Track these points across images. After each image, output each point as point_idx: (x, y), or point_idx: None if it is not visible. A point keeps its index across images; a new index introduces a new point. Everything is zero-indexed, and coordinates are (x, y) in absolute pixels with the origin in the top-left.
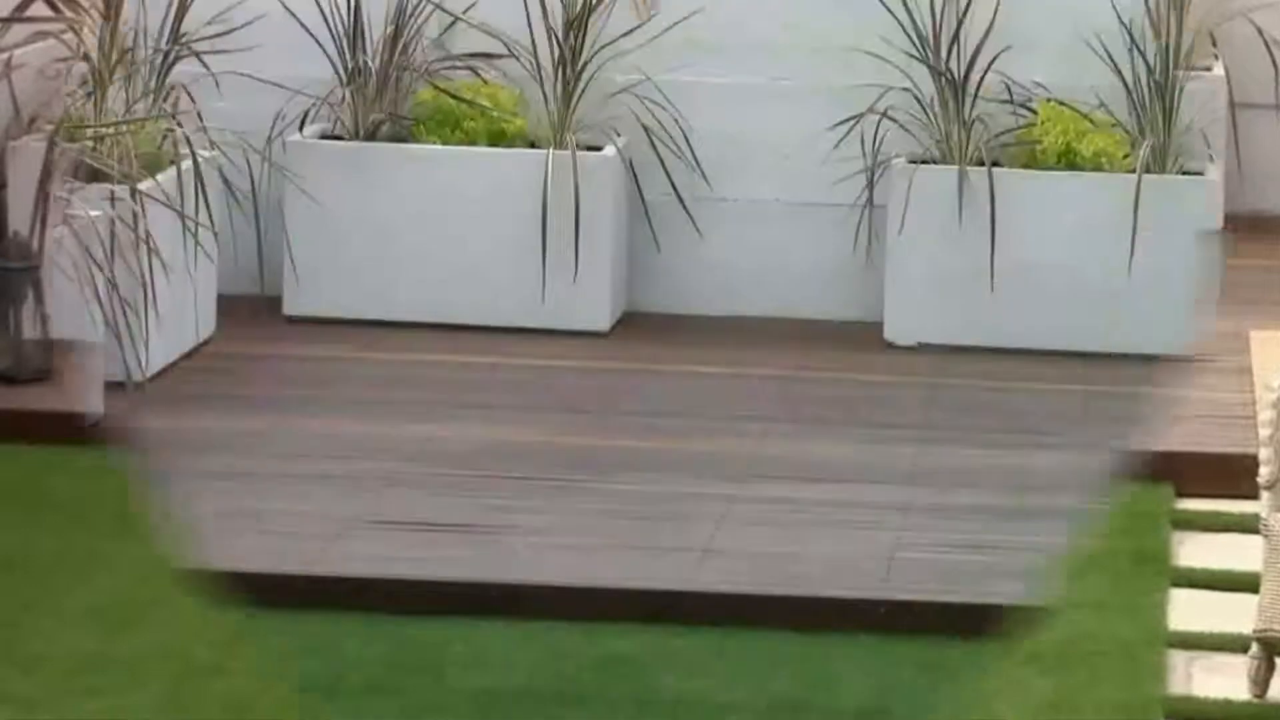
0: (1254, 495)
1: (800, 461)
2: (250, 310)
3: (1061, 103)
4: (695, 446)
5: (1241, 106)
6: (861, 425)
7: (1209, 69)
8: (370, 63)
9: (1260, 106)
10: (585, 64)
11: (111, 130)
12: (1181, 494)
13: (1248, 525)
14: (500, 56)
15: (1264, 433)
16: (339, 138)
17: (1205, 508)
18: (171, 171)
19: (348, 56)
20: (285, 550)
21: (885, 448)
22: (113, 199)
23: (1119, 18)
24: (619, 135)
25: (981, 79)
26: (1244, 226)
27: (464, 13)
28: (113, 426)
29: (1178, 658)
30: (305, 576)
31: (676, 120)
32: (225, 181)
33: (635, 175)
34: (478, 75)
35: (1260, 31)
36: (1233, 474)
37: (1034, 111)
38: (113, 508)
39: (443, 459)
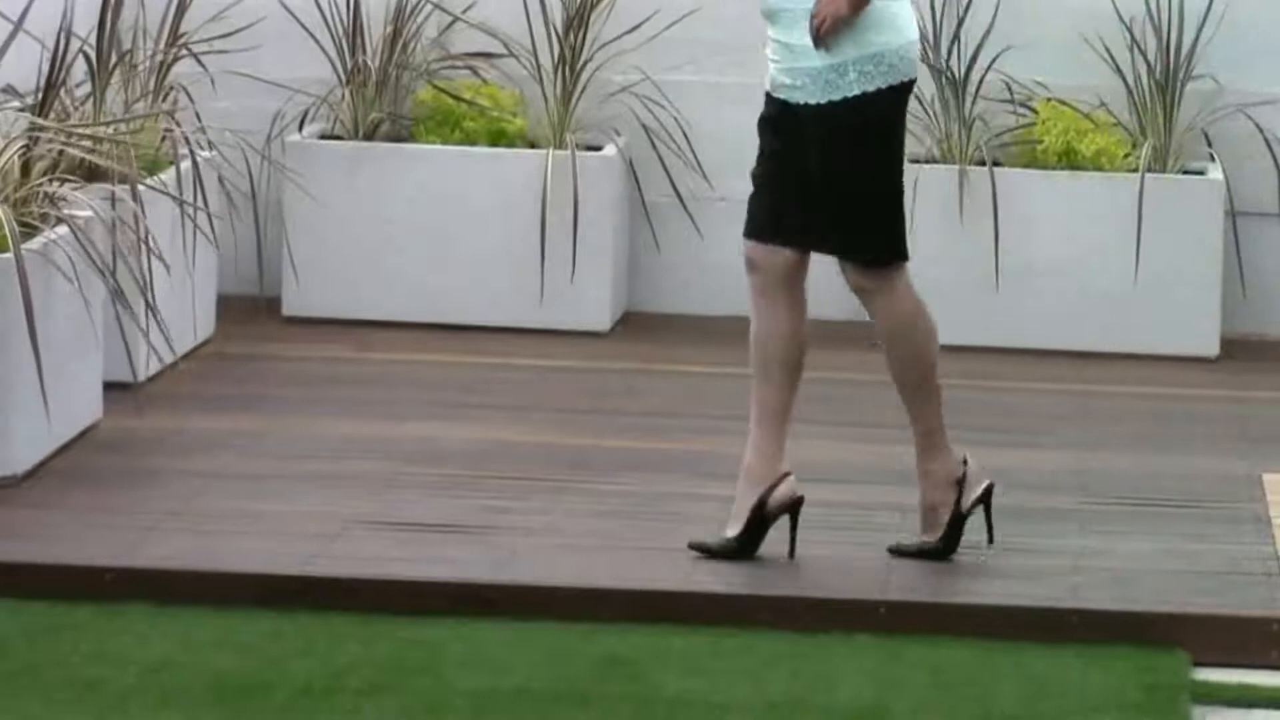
0: None
1: (799, 461)
2: (250, 310)
3: (1062, 102)
4: (695, 446)
5: (1241, 215)
6: (861, 425)
7: (1204, 172)
8: (370, 62)
9: (1264, 215)
10: (585, 64)
11: (111, 130)
12: (1199, 662)
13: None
14: (500, 56)
15: None
16: (338, 137)
17: (1229, 679)
18: (171, 172)
19: (347, 56)
20: (284, 550)
21: (884, 448)
22: (113, 199)
23: (1119, 17)
24: (619, 135)
25: (982, 78)
26: (1248, 352)
27: (464, 13)
28: (113, 426)
29: None
30: (305, 577)
31: (676, 120)
32: (224, 182)
33: (635, 175)
34: (477, 75)
35: (1260, 130)
36: (1259, 640)
37: (1034, 111)
38: None
39: (443, 459)
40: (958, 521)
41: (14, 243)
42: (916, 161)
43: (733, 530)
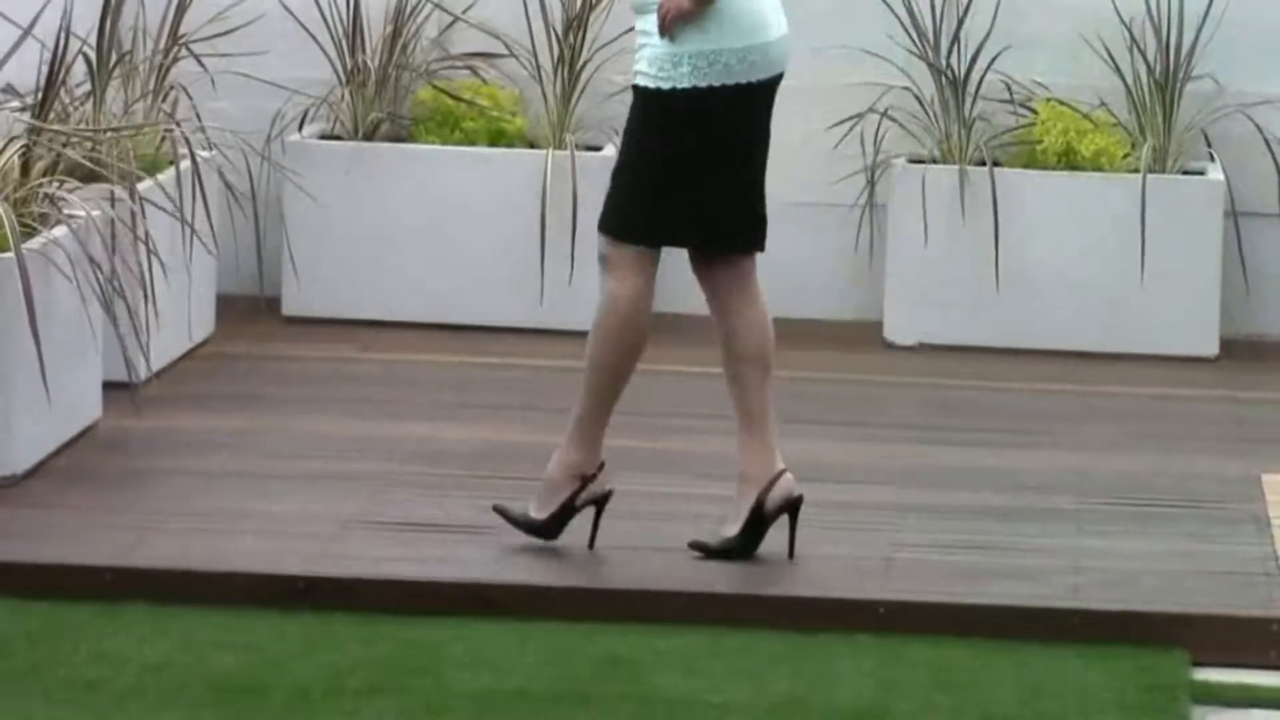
0: None
1: (799, 461)
2: (249, 310)
3: (1062, 102)
4: (695, 446)
5: (1241, 215)
6: (861, 425)
7: (1203, 172)
8: (370, 62)
9: (1264, 215)
10: (585, 64)
11: (110, 132)
12: (1199, 662)
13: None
14: (500, 56)
15: None
16: (338, 138)
17: (1229, 679)
18: (171, 172)
19: (347, 56)
20: (285, 550)
21: (885, 448)
22: (112, 199)
23: (1120, 17)
24: (618, 135)
25: (982, 78)
26: (1248, 352)
27: (464, 13)
28: (112, 426)
29: None
30: (305, 576)
31: None
32: (224, 182)
33: None
34: (477, 75)
35: (1260, 130)
36: (1259, 640)
37: (1034, 111)
38: None
39: (443, 459)
40: (566, 511)
41: (14, 242)
42: (919, 161)
43: (731, 530)
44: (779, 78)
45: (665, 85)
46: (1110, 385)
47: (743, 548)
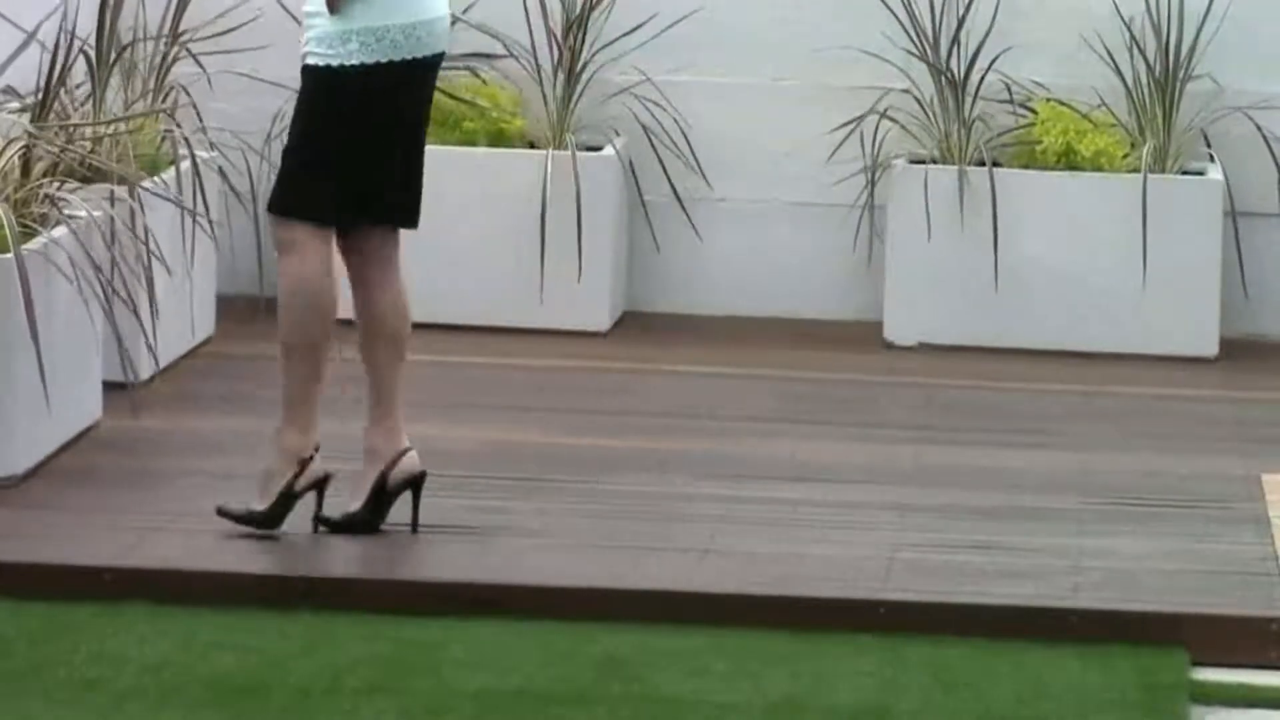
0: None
1: (800, 461)
2: (250, 310)
3: (1061, 102)
4: (695, 446)
5: (1241, 215)
6: (861, 425)
7: (1203, 172)
8: None
9: (1264, 215)
10: (585, 64)
11: (110, 130)
12: (1198, 662)
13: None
14: (500, 57)
15: None
16: None
17: (1228, 679)
18: (171, 172)
19: None
20: (284, 550)
21: (885, 448)
22: (112, 199)
23: (1120, 17)
24: (619, 135)
25: (982, 78)
26: (1248, 352)
27: (464, 13)
28: (112, 426)
29: None
30: (305, 577)
31: (676, 120)
32: (225, 181)
33: (635, 175)
34: (477, 75)
35: (1260, 130)
36: (1259, 640)
37: (1034, 111)
38: None
39: (442, 459)
40: (287, 499)
41: (14, 243)
42: (919, 162)
43: (355, 505)
44: (441, 57)
45: (335, 63)
46: (1110, 385)
47: (365, 522)
